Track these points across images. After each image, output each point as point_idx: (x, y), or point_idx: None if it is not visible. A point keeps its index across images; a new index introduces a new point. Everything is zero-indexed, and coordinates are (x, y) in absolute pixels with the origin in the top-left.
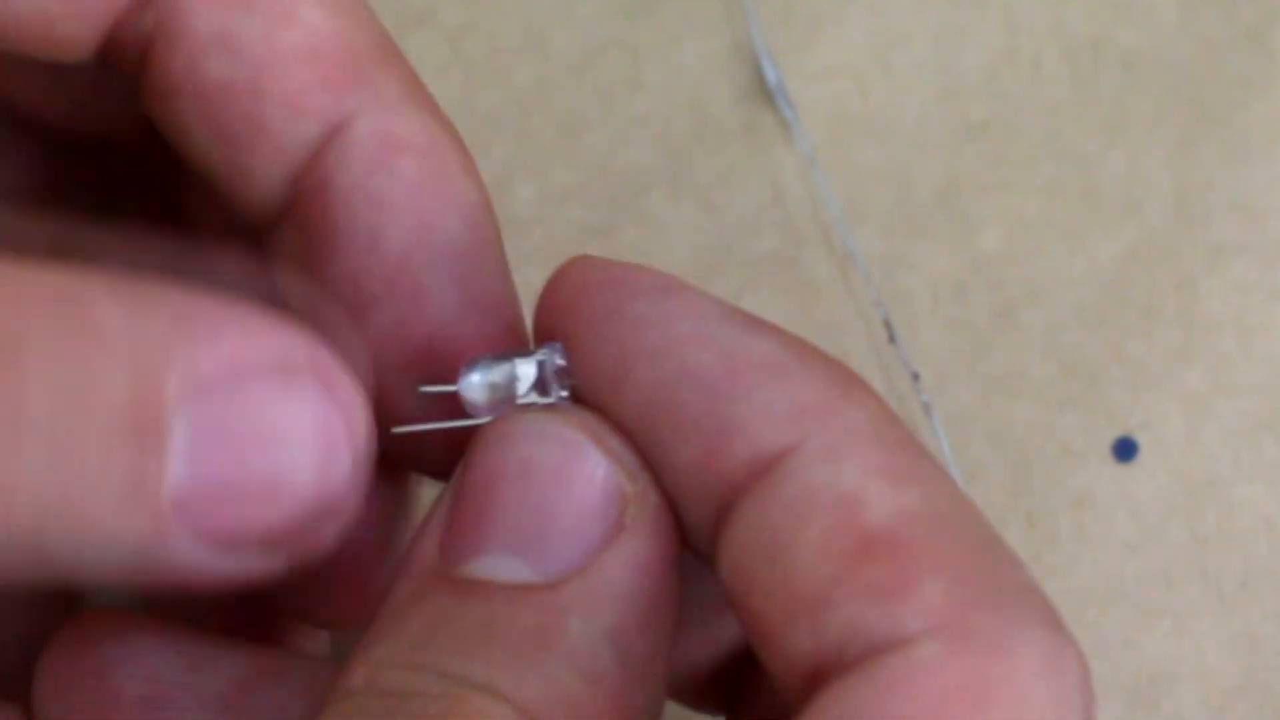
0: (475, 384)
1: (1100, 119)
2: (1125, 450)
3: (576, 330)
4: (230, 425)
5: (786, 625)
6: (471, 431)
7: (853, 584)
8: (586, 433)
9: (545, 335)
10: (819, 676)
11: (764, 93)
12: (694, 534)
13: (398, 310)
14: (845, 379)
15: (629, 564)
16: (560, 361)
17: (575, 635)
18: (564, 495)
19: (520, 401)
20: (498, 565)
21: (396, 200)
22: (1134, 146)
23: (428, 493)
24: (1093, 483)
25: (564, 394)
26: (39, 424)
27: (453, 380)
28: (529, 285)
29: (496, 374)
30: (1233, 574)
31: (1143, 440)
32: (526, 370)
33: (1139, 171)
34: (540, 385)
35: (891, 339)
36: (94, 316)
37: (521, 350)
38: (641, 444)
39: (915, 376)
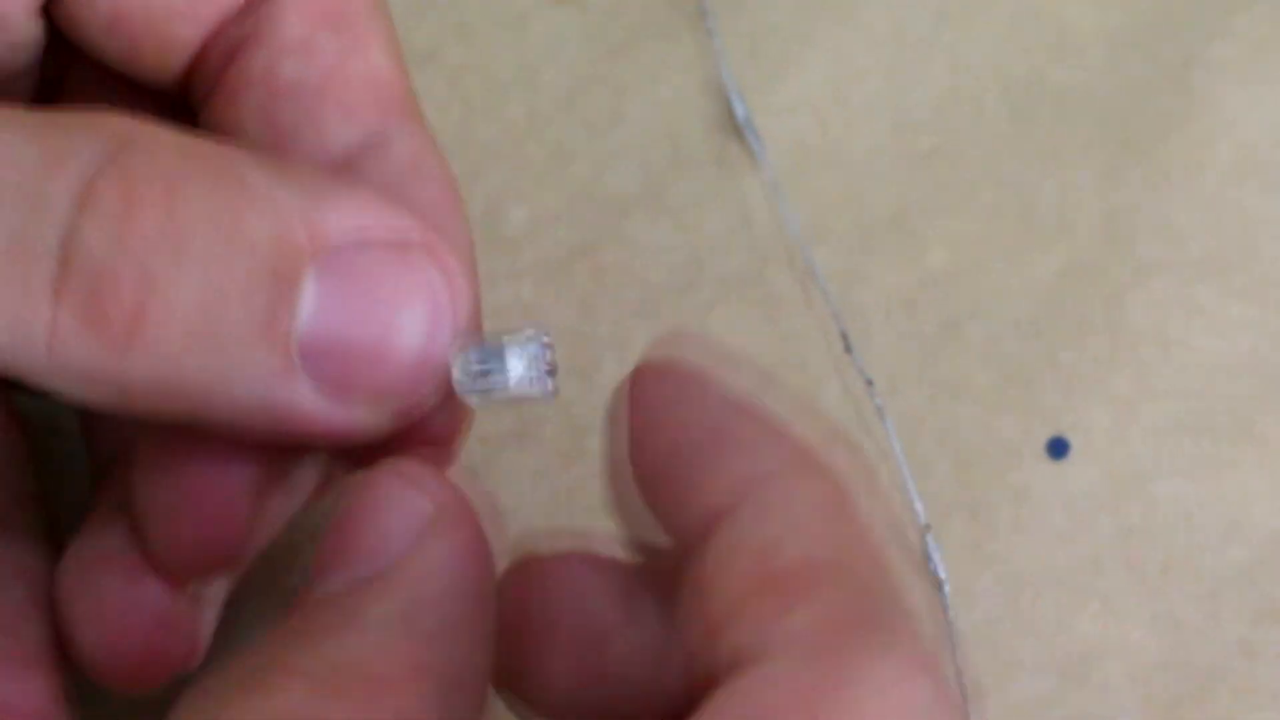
0: (468, 372)
1: (1035, 150)
2: (1058, 449)
3: (638, 401)
4: (352, 285)
5: (699, 648)
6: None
7: (746, 612)
8: (401, 477)
9: (633, 402)
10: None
11: (733, 126)
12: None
13: None
14: (798, 461)
15: (422, 565)
16: (546, 348)
17: (372, 618)
18: (372, 525)
19: (512, 388)
20: (328, 585)
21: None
22: (1066, 175)
23: None
24: (1029, 479)
25: (550, 383)
26: (194, 256)
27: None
28: (520, 299)
29: (488, 361)
30: (1155, 561)
31: (1074, 440)
32: (515, 363)
33: (1070, 197)
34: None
35: (848, 349)
36: (244, 175)
37: (510, 333)
38: (656, 485)
39: (869, 383)
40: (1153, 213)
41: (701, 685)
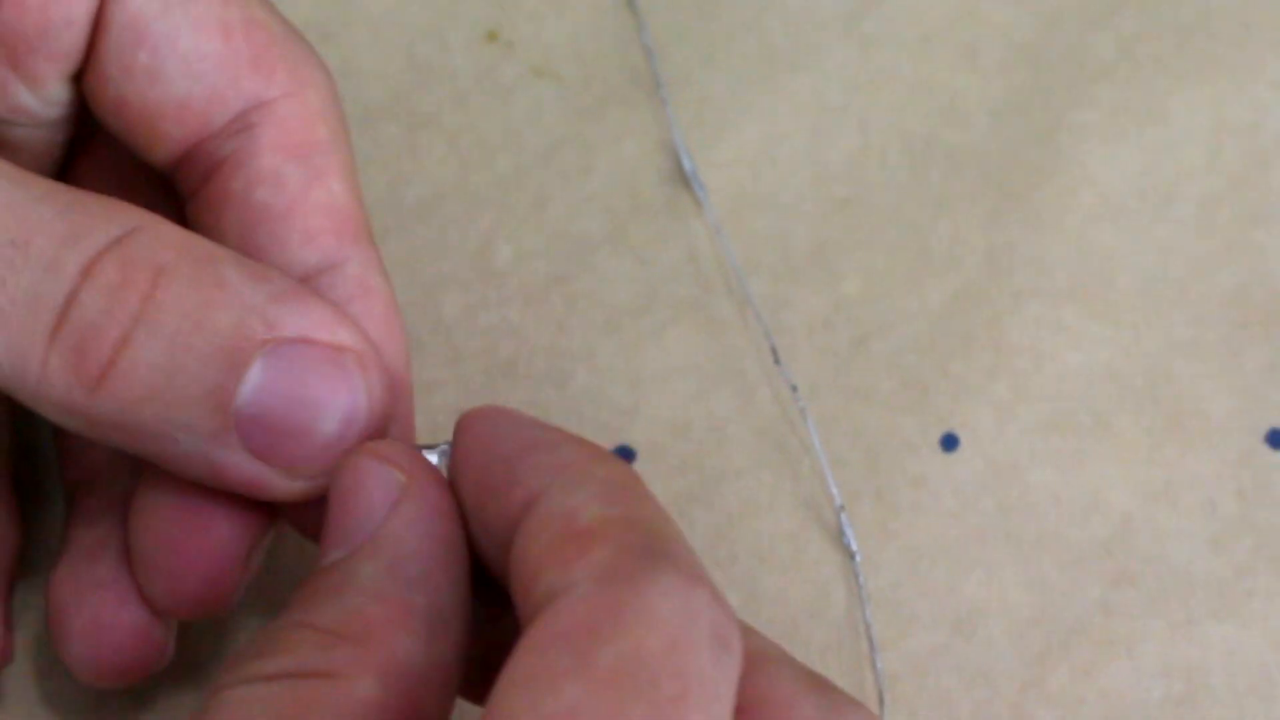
0: None
1: (930, 197)
2: (949, 443)
3: (461, 438)
4: (290, 375)
5: (520, 602)
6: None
7: (553, 562)
8: (375, 456)
9: (456, 441)
10: None
11: (682, 178)
12: (500, 561)
13: None
14: (591, 453)
15: (400, 525)
16: (445, 454)
17: (364, 575)
18: (357, 499)
19: None
20: (330, 556)
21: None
22: (955, 218)
23: None
24: (925, 468)
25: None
26: (163, 332)
27: None
28: (507, 320)
29: None
30: (1029, 536)
31: (962, 436)
32: (431, 457)
33: (959, 236)
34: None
35: (776, 360)
36: (222, 273)
37: (428, 445)
38: (480, 502)
39: (794, 389)
40: (1027, 249)
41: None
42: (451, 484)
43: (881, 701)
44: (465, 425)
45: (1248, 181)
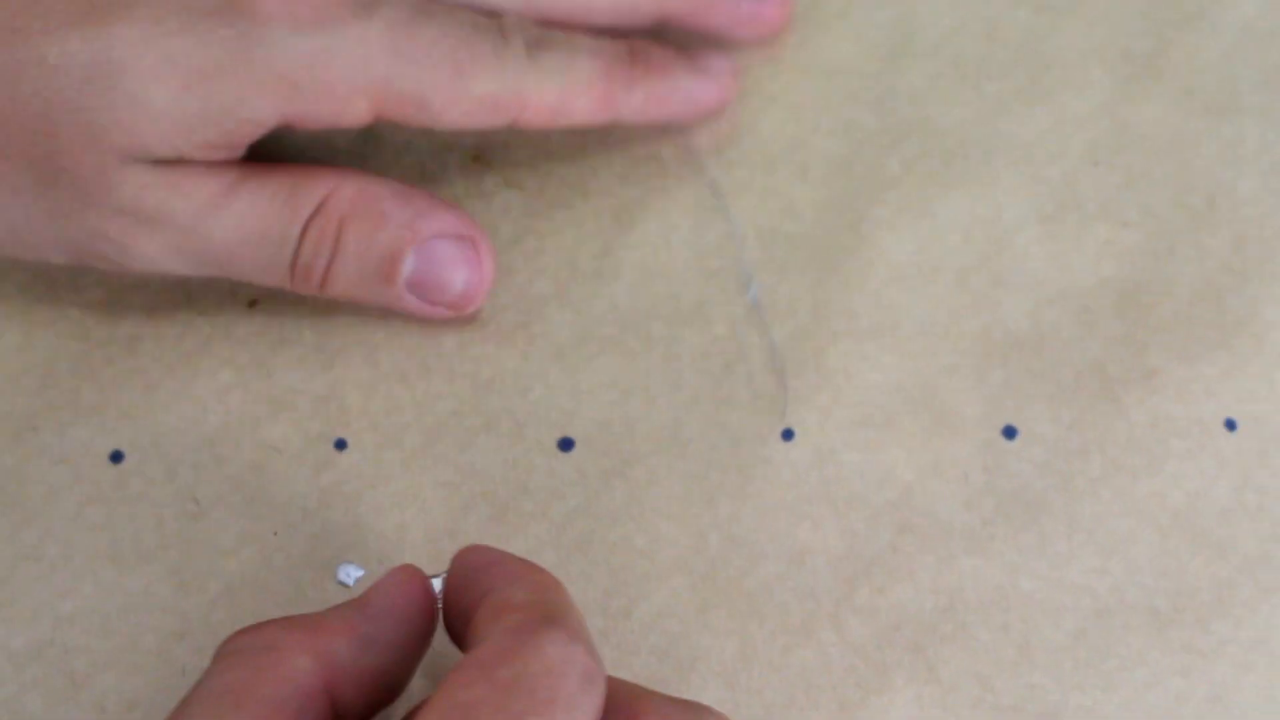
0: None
1: (774, 266)
2: (788, 435)
3: (454, 563)
4: (431, 260)
5: (469, 649)
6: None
7: (485, 626)
8: (398, 572)
9: (451, 565)
10: None
11: (607, 253)
12: (465, 637)
13: None
14: (528, 568)
15: (382, 595)
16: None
17: (341, 609)
18: (378, 585)
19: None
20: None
21: None
22: (792, 283)
23: None
24: (771, 453)
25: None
26: (350, 254)
27: None
28: (487, 352)
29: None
30: (841, 498)
31: (797, 431)
32: (437, 583)
33: (794, 294)
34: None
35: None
36: (383, 208)
37: (437, 574)
38: (458, 597)
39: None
40: (840, 303)
41: None
42: (446, 589)
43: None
44: (457, 555)
45: (989, 257)
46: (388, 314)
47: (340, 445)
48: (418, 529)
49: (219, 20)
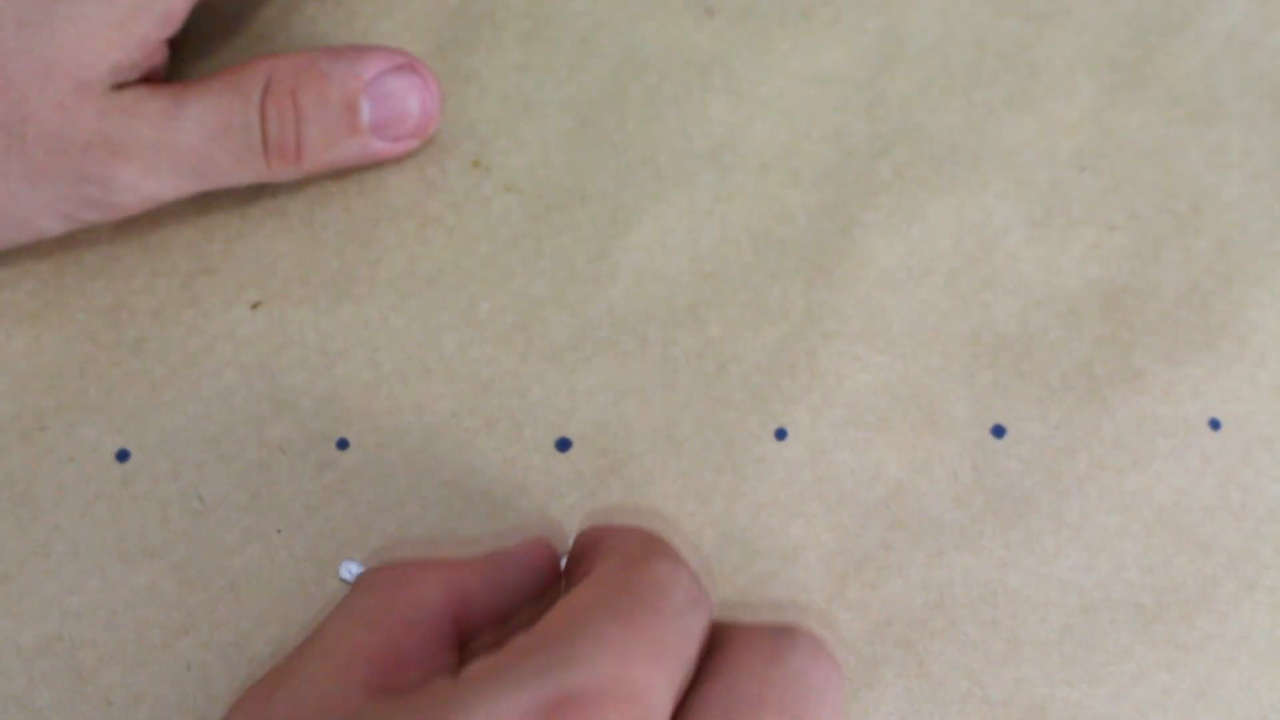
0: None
1: (768, 271)
2: (781, 435)
3: (575, 542)
4: (383, 96)
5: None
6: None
7: (581, 572)
8: (530, 536)
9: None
10: None
11: (605, 257)
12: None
13: None
14: (634, 531)
15: (510, 553)
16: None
17: (475, 553)
18: (513, 546)
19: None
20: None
21: None
22: (785, 284)
23: None
24: (764, 451)
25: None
26: (312, 119)
27: None
28: (486, 354)
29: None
30: (833, 495)
31: (790, 430)
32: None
33: (787, 297)
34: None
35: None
36: (322, 67)
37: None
38: (575, 564)
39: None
40: (832, 305)
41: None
42: (569, 563)
43: None
44: (578, 535)
45: (978, 261)
46: (388, 315)
47: (342, 445)
48: (418, 527)
49: None
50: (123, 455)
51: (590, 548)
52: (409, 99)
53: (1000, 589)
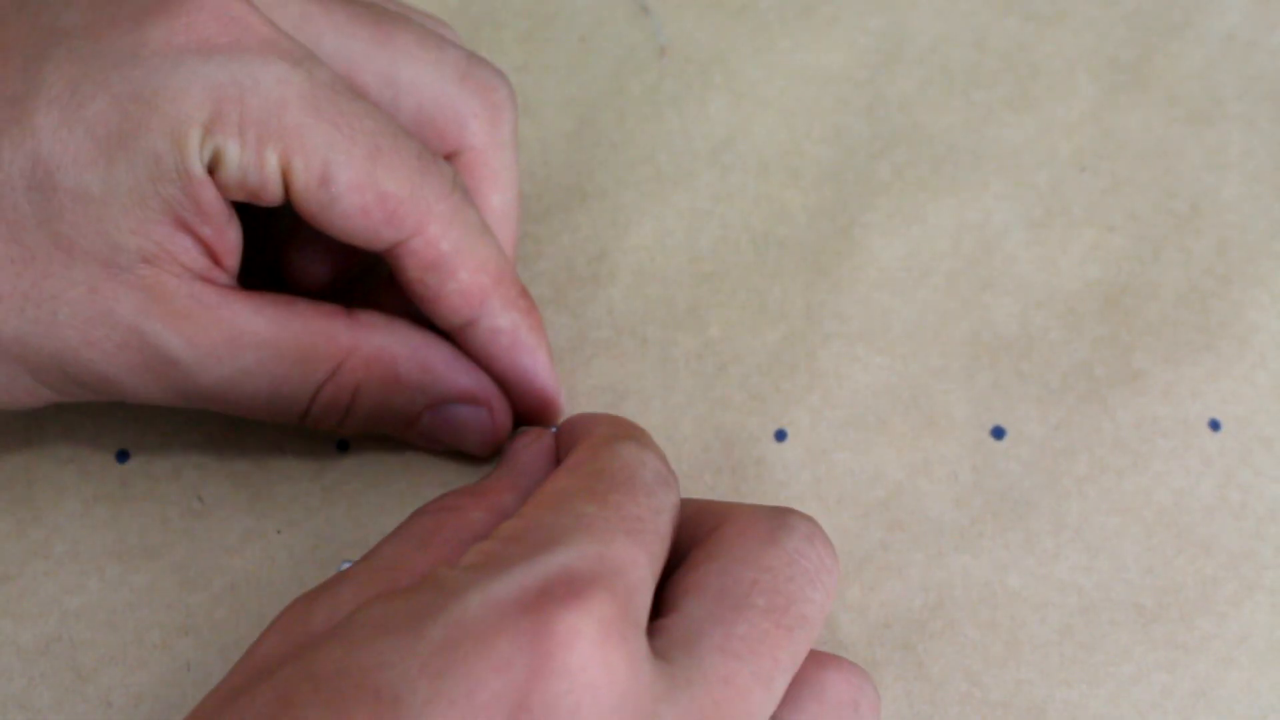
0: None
1: (768, 271)
2: (781, 436)
3: (563, 426)
4: (444, 422)
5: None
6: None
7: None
8: (528, 433)
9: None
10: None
11: (602, 256)
12: None
13: None
14: (613, 419)
15: (526, 456)
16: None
17: (498, 471)
18: (517, 441)
19: None
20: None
21: (499, 358)
22: (784, 285)
23: None
24: (764, 452)
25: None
26: (363, 414)
27: None
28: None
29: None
30: (833, 496)
31: (789, 431)
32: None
33: (787, 297)
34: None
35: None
36: (397, 371)
37: (551, 429)
38: (564, 447)
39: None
40: (832, 306)
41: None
42: (556, 440)
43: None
44: (564, 421)
45: (978, 262)
46: None
47: (342, 446)
48: None
49: (129, 64)
50: (122, 456)
51: (568, 436)
52: (468, 435)
53: (1000, 590)
